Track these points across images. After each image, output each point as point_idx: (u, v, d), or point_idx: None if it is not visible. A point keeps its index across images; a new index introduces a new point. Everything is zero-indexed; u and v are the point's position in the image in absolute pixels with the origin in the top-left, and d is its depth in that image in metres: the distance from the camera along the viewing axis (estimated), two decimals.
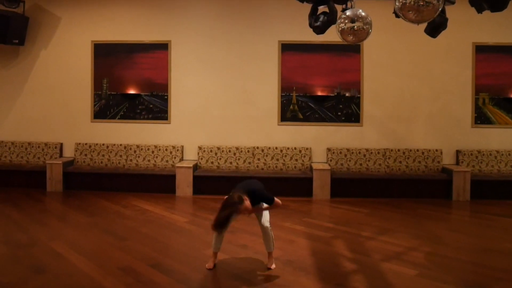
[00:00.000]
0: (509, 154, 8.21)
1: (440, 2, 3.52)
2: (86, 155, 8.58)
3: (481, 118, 8.38)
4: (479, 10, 4.65)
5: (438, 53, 8.37)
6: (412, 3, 3.52)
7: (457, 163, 8.30)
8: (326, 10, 5.06)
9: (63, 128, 8.75)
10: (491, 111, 8.38)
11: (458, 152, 8.30)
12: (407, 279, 4.21)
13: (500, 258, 4.85)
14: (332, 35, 5.46)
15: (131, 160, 8.52)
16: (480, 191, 7.81)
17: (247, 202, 4.20)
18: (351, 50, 8.38)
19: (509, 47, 8.32)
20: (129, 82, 8.64)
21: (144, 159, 8.50)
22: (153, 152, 8.52)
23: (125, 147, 8.56)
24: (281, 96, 8.49)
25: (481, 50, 8.37)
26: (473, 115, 8.39)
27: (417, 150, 8.29)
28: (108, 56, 8.65)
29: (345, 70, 8.43)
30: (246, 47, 8.55)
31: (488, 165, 8.18)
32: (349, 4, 5.04)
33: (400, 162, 8.27)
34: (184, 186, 7.94)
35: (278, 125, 8.52)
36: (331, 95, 8.43)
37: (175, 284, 4.05)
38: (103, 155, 8.56)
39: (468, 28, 8.28)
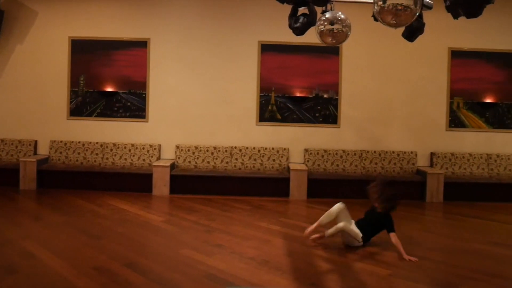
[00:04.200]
0: (481, 157, 8.41)
1: (417, 7, 3.57)
2: (61, 153, 8.45)
3: (455, 122, 8.56)
4: (455, 16, 4.73)
5: (415, 57, 8.51)
6: (390, 7, 3.56)
7: (431, 165, 8.45)
8: (306, 11, 5.10)
9: (38, 125, 8.60)
10: (465, 115, 8.56)
11: (432, 154, 8.46)
12: (380, 279, 4.27)
13: (471, 258, 4.96)
14: (312, 37, 5.50)
15: (107, 158, 8.43)
16: (453, 193, 7.97)
17: None
18: (330, 52, 8.45)
19: (484, 53, 8.52)
20: (107, 80, 8.54)
21: (120, 157, 8.42)
22: (130, 150, 8.44)
23: (101, 145, 8.46)
24: (260, 96, 8.51)
25: (456, 55, 8.55)
26: (447, 118, 8.56)
27: (393, 152, 8.42)
28: (85, 53, 8.54)
29: (324, 72, 8.50)
30: (226, 46, 8.55)
31: (461, 167, 8.36)
32: (329, 6, 5.08)
33: (376, 163, 8.38)
34: (161, 185, 7.89)
35: (257, 125, 8.54)
36: (310, 96, 8.49)
37: (150, 284, 4.02)
38: (78, 153, 8.44)
39: (445, 33, 8.44)
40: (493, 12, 7.66)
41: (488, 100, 8.54)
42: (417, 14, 3.65)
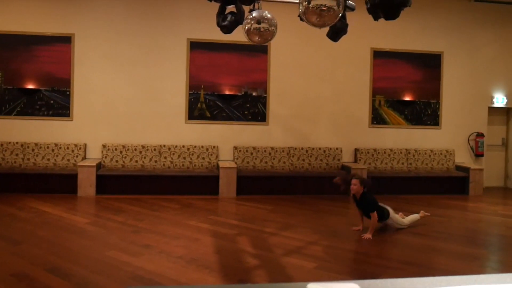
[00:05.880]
0: (401, 152, 8.90)
1: (340, 8, 3.72)
2: None
3: (377, 119, 8.99)
4: (375, 18, 4.97)
5: (340, 57, 8.84)
6: (315, 7, 3.69)
7: (355, 160, 8.83)
8: (234, 10, 5.14)
9: None
10: (386, 112, 9.02)
11: (356, 150, 8.83)
12: (306, 272, 4.41)
13: (391, 248, 5.26)
14: (240, 35, 5.54)
15: (28, 159, 8.02)
16: (376, 186, 8.34)
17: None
18: (258, 50, 8.57)
19: (403, 53, 9.01)
20: (28, 76, 8.13)
21: (43, 158, 8.05)
22: (53, 150, 8.09)
23: (22, 145, 8.04)
24: (189, 94, 8.47)
25: (378, 55, 8.98)
26: (370, 115, 8.97)
27: (319, 149, 8.69)
28: (4, 48, 8.08)
29: (253, 70, 8.61)
30: (154, 43, 8.42)
31: (382, 162, 8.80)
32: (256, 5, 5.15)
33: (304, 160, 8.62)
34: (87, 185, 7.64)
35: (186, 123, 8.49)
36: (239, 94, 8.57)
37: None
38: None
39: (367, 34, 8.83)
40: (411, 15, 8.15)
41: (407, 98, 9.05)
42: (340, 15, 3.81)
